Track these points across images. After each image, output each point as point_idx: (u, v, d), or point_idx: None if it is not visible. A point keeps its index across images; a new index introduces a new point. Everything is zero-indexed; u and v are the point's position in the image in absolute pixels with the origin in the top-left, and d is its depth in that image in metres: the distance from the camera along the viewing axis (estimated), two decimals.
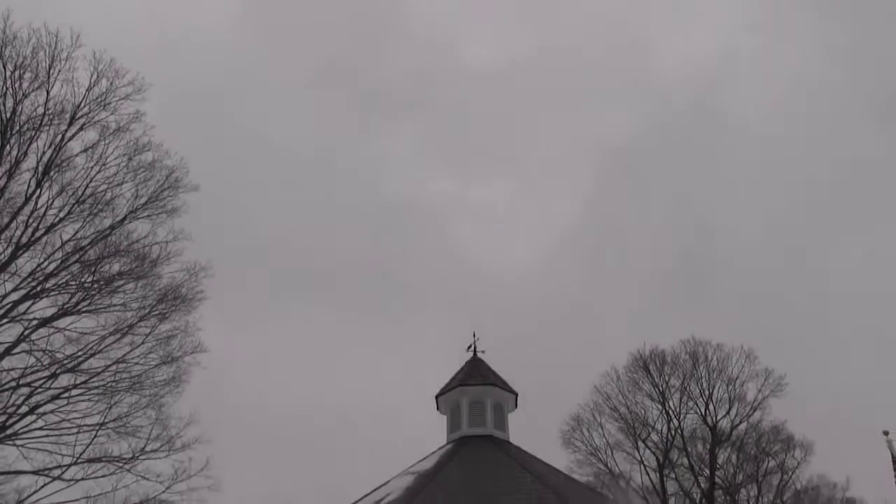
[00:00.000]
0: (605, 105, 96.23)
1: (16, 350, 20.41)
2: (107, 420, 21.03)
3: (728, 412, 39.19)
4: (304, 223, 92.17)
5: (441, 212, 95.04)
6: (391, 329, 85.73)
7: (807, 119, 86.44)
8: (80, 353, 20.99)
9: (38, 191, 20.76)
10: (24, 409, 20.35)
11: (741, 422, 39.23)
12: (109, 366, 21.29)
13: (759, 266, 77.88)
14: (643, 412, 39.92)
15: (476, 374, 17.10)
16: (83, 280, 21.30)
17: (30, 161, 20.76)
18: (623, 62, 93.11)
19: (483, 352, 18.01)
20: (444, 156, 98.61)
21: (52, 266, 20.89)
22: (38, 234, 20.78)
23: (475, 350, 18.06)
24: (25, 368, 20.43)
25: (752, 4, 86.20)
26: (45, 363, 20.56)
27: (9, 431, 20.04)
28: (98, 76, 21.15)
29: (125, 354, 21.55)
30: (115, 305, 21.62)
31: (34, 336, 20.66)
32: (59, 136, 20.91)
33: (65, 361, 20.77)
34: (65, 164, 21.09)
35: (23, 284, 20.56)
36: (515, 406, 17.31)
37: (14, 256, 20.40)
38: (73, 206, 21.12)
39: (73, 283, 21.21)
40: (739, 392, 39.22)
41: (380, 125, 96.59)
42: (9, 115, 20.31)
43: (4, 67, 20.25)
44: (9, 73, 20.25)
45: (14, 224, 20.53)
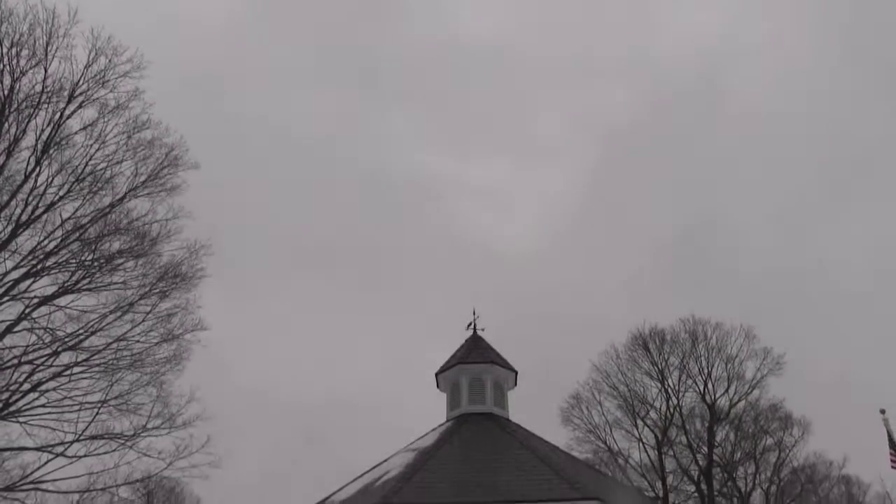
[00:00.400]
0: (606, 83, 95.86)
1: (17, 328, 20.48)
2: (108, 397, 21.15)
3: (727, 390, 39.42)
4: (304, 202, 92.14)
5: (441, 190, 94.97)
6: (391, 307, 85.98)
7: (807, 98, 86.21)
8: (81, 331, 21.07)
9: (38, 169, 20.71)
10: (27, 387, 20.46)
11: (740, 400, 39.49)
12: (110, 343, 21.37)
13: (759, 245, 77.98)
14: (642, 390, 40.19)
15: (476, 352, 17.15)
16: (83, 258, 21.32)
17: (29, 139, 20.70)
18: (624, 40, 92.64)
19: (483, 330, 18.07)
20: (444, 134, 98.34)
21: (53, 244, 20.90)
22: (38, 213, 20.76)
23: (475, 328, 18.10)
24: (27, 346, 20.52)
25: None
26: (47, 341, 20.64)
27: (12, 408, 20.17)
28: (96, 53, 21.00)
29: (126, 332, 21.62)
30: (116, 283, 21.66)
31: (35, 314, 20.72)
32: (58, 114, 20.82)
33: (66, 339, 20.85)
34: (64, 142, 21.01)
35: (23, 263, 20.59)
36: (515, 384, 17.38)
37: (14, 235, 20.40)
38: (73, 185, 21.08)
39: (74, 262, 21.23)
40: (738, 370, 39.45)
41: (380, 103, 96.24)
42: (6, 93, 20.20)
43: (1, 44, 20.10)
44: (5, 50, 20.10)
45: (14, 202, 20.51)
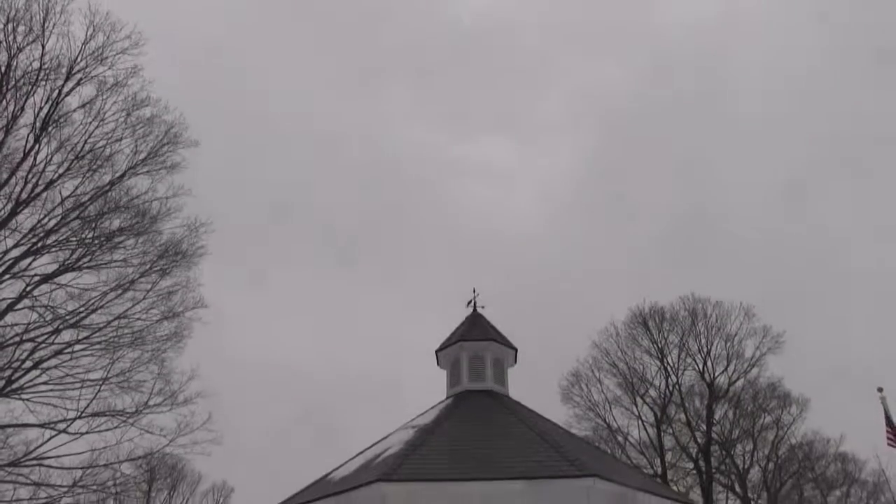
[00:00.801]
0: (606, 60, 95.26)
1: (18, 306, 20.54)
2: (110, 375, 21.23)
3: (726, 369, 39.56)
4: (304, 179, 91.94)
5: (441, 168, 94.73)
6: (391, 285, 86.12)
7: (807, 73, 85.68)
8: (82, 309, 21.13)
9: (37, 146, 20.65)
10: (29, 364, 20.55)
11: (738, 378, 39.62)
12: (111, 321, 21.43)
13: (760, 224, 77.91)
14: (642, 368, 40.32)
15: (476, 330, 17.17)
16: (84, 236, 21.32)
17: (27, 116, 20.63)
18: (624, 16, 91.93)
19: (483, 307, 18.08)
20: (444, 112, 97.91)
21: (53, 222, 20.89)
22: (38, 191, 20.73)
23: (475, 306, 18.11)
24: (28, 324, 20.58)
25: None
26: (48, 319, 20.70)
27: (14, 385, 20.27)
28: (94, 30, 20.86)
29: (127, 310, 21.67)
30: (116, 261, 21.69)
31: (36, 292, 20.76)
32: (56, 91, 20.72)
33: (67, 317, 20.91)
34: (63, 120, 20.93)
35: (23, 241, 20.59)
36: (515, 361, 17.42)
37: (14, 213, 20.39)
38: (73, 162, 21.03)
39: (74, 240, 21.24)
40: (737, 349, 39.57)
41: (380, 81, 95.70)
42: (3, 70, 20.10)
43: None
44: (2, 26, 19.97)
45: (13, 180, 20.47)
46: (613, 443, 39.65)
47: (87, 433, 20.93)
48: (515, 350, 17.36)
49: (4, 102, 20.24)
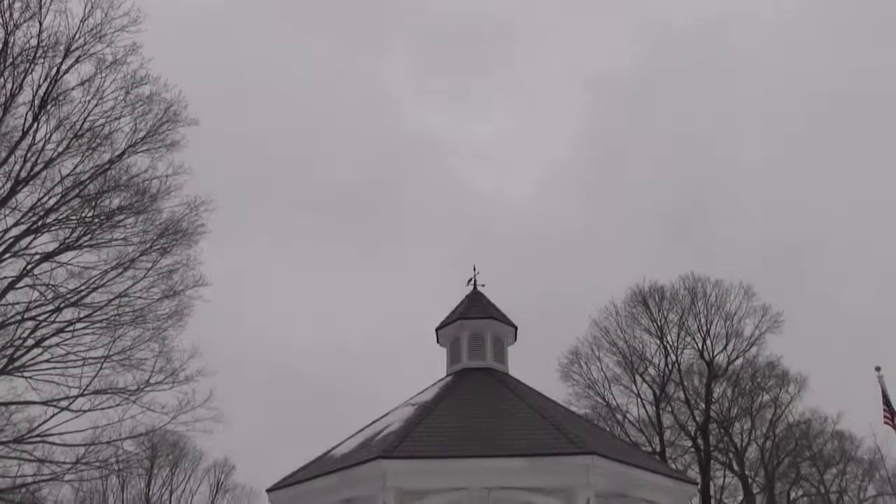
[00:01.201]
0: (604, 34, 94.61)
1: (19, 284, 20.58)
2: (111, 353, 21.33)
3: (725, 347, 39.71)
4: (303, 156, 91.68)
5: (439, 144, 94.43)
6: (392, 263, 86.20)
7: (807, 48, 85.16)
8: (83, 288, 21.17)
9: (36, 125, 20.57)
10: (31, 343, 20.65)
11: (737, 357, 39.78)
12: (112, 300, 21.48)
13: (759, 201, 77.83)
14: (641, 346, 40.45)
15: (476, 308, 17.19)
16: (84, 215, 21.31)
17: (25, 94, 20.52)
18: None
19: (483, 285, 18.08)
20: (442, 87, 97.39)
21: (53, 201, 20.87)
22: (37, 169, 20.68)
23: (475, 284, 18.12)
24: (30, 302, 20.65)
25: None
26: (49, 297, 20.76)
27: (17, 363, 20.38)
28: (92, 7, 20.67)
29: (127, 288, 21.72)
30: (116, 240, 21.70)
31: (37, 271, 20.80)
32: (55, 69, 20.59)
33: (68, 295, 20.96)
34: (61, 98, 20.83)
35: (24, 219, 20.59)
36: (515, 339, 17.47)
37: (14, 191, 20.37)
38: (72, 141, 20.96)
39: (74, 218, 21.23)
40: (737, 328, 39.69)
41: (378, 57, 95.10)
42: (0, 47, 19.98)
43: None
44: None
45: (12, 158, 20.43)
46: (612, 421, 39.88)
47: (90, 411, 21.09)
48: (515, 328, 17.40)
49: (2, 80, 20.13)
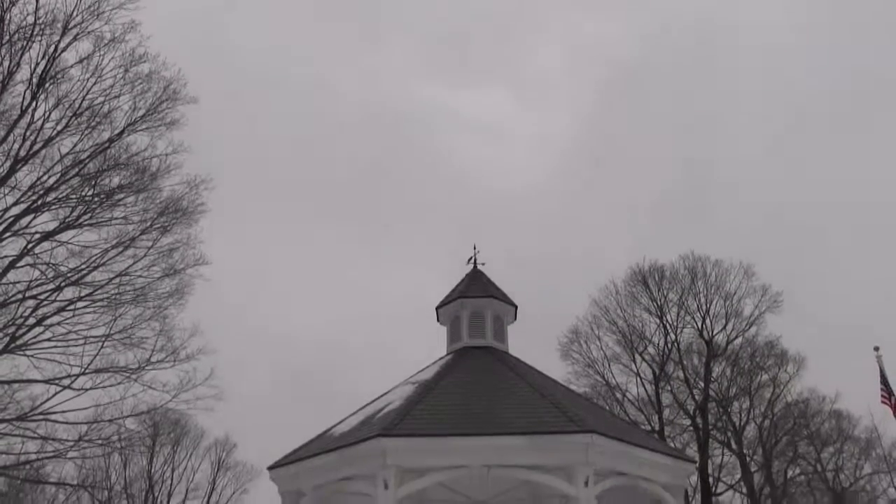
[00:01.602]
0: (606, 16, 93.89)
1: (20, 263, 20.61)
2: (112, 332, 21.43)
3: (724, 327, 39.74)
4: (302, 135, 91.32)
5: (440, 125, 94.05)
6: (392, 243, 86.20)
7: (807, 34, 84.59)
8: (84, 267, 21.21)
9: (34, 103, 20.50)
10: (32, 321, 20.72)
11: (737, 336, 39.83)
12: (113, 278, 21.53)
13: (760, 182, 77.66)
14: (641, 326, 40.49)
15: (476, 287, 17.17)
16: (83, 193, 21.29)
17: (23, 72, 20.44)
18: None
19: (483, 264, 18.04)
20: (442, 67, 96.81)
21: (52, 180, 20.84)
22: (36, 148, 20.64)
23: (475, 262, 18.09)
24: (31, 281, 20.69)
25: None
26: (50, 276, 20.80)
27: (19, 342, 20.46)
28: None
29: (128, 267, 21.77)
30: (117, 219, 21.71)
31: (37, 249, 20.82)
32: (53, 47, 20.48)
33: (69, 274, 21.00)
34: (60, 76, 20.74)
35: (23, 198, 20.58)
36: (515, 318, 17.47)
37: (13, 170, 20.34)
38: (71, 119, 20.90)
39: (74, 197, 21.22)
40: (736, 307, 39.70)
41: (378, 36, 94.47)
42: None
43: None
44: None
45: (11, 137, 20.37)
46: (612, 399, 40.05)
47: (91, 389, 21.21)
48: (515, 307, 17.41)
49: None
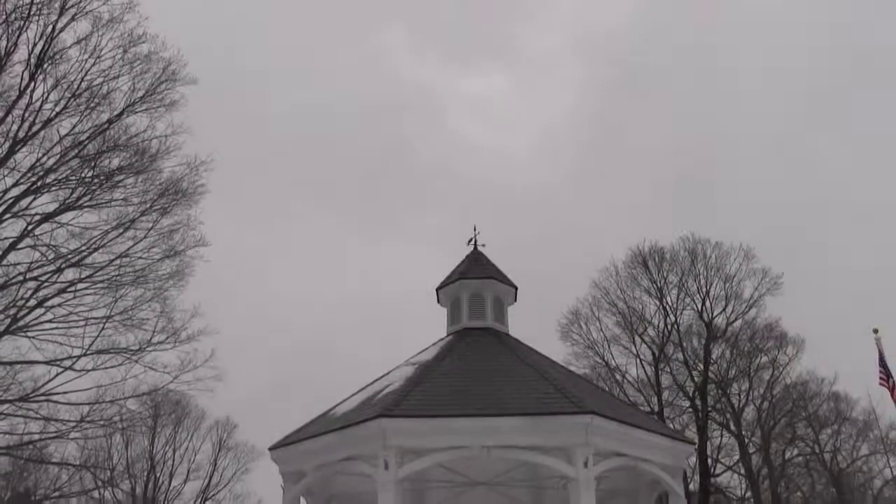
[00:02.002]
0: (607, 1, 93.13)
1: (21, 245, 20.62)
2: (113, 313, 21.48)
3: (724, 309, 39.77)
4: (303, 115, 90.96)
5: (441, 105, 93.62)
6: (393, 224, 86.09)
7: (807, 23, 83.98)
8: (84, 248, 21.22)
9: (32, 84, 20.40)
10: (33, 303, 20.76)
11: (736, 319, 39.87)
12: (113, 260, 21.55)
13: (760, 164, 77.44)
14: (641, 307, 40.53)
15: (476, 268, 17.13)
16: (83, 175, 21.26)
17: (21, 53, 20.33)
18: None
19: (483, 246, 18.00)
20: (442, 48, 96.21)
21: (52, 161, 20.80)
22: (35, 129, 20.57)
23: (475, 244, 18.04)
24: (31, 263, 20.71)
25: None
26: (50, 258, 20.82)
27: (20, 323, 20.51)
28: None
29: (128, 249, 21.79)
30: (117, 200, 21.69)
31: (37, 231, 20.83)
32: (50, 27, 20.36)
33: (69, 256, 21.01)
34: (58, 57, 20.64)
35: (23, 180, 20.54)
36: (515, 299, 17.45)
37: (12, 151, 20.28)
38: (69, 100, 20.81)
39: (74, 178, 21.18)
40: (736, 289, 39.70)
41: (377, 16, 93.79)
42: None
43: None
44: None
45: (10, 118, 20.30)
46: (611, 381, 40.18)
47: (93, 370, 21.31)
48: (515, 288, 17.39)
49: None
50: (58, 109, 20.70)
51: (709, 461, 38.21)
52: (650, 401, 39.50)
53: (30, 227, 20.60)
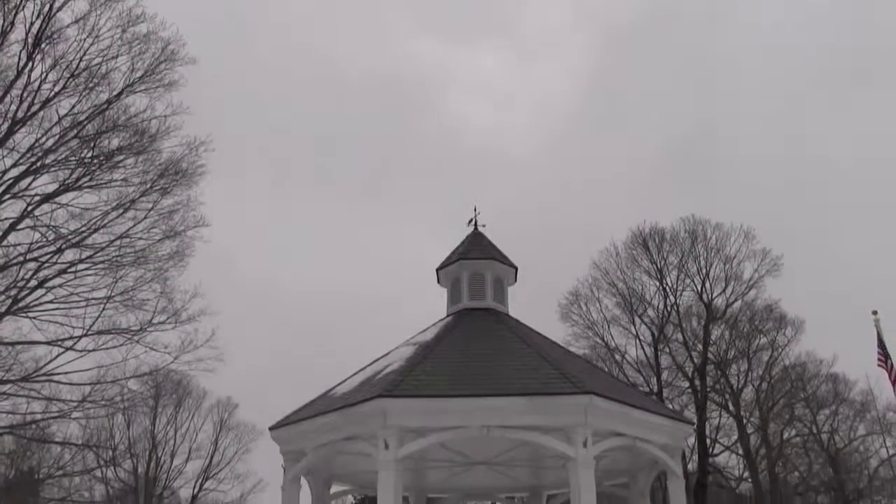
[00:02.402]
0: None
1: (21, 226, 20.62)
2: (113, 293, 21.53)
3: (724, 290, 39.82)
4: (301, 97, 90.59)
5: (440, 84, 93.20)
6: (392, 203, 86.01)
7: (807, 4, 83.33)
8: (84, 229, 21.23)
9: (30, 64, 20.31)
10: (34, 283, 20.80)
11: (736, 300, 39.94)
12: (113, 240, 21.57)
13: (760, 145, 77.18)
14: (640, 288, 40.58)
15: (476, 248, 17.11)
16: (83, 155, 21.22)
17: (18, 32, 20.21)
18: None
19: (484, 226, 17.97)
20: (441, 27, 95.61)
21: (51, 141, 20.75)
22: (34, 109, 20.51)
23: (476, 224, 18.02)
24: (31, 244, 20.72)
25: None
26: (50, 238, 20.83)
27: (21, 304, 20.57)
28: None
29: (128, 229, 21.79)
30: (116, 181, 21.67)
31: (37, 212, 20.83)
32: (47, 6, 20.23)
33: (69, 237, 21.02)
34: (56, 36, 20.53)
35: (22, 160, 20.51)
36: (515, 280, 17.45)
37: (11, 132, 20.23)
38: (68, 80, 20.73)
39: (73, 159, 21.15)
40: (736, 271, 39.74)
41: None
42: None
43: None
44: None
45: (8, 98, 20.22)
46: (611, 361, 40.32)
47: (94, 350, 21.40)
48: (516, 269, 17.38)
49: None
50: (56, 89, 20.63)
51: (707, 441, 38.44)
52: (649, 381, 39.67)
53: (30, 208, 20.60)
